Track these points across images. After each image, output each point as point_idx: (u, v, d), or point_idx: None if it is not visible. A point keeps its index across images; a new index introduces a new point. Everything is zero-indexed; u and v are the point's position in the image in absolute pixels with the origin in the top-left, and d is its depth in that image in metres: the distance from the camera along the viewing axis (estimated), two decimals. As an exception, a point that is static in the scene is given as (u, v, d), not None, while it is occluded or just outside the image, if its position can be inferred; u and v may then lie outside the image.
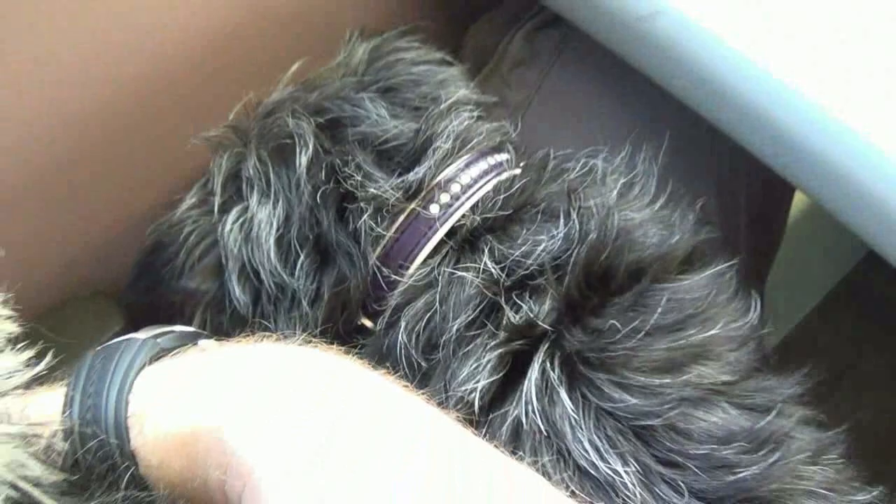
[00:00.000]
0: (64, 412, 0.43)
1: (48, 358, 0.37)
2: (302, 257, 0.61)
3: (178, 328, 0.50)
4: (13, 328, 0.37)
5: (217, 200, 0.64)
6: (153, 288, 0.66)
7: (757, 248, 0.82)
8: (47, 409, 0.43)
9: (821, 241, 1.34)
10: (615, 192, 0.61)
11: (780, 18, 0.62)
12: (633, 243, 0.58)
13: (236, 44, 0.74)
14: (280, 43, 0.75)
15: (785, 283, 1.40)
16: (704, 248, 0.62)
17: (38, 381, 0.37)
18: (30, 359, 0.37)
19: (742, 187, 0.77)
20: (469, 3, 0.86)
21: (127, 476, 0.42)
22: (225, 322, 0.63)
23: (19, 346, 0.37)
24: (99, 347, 0.47)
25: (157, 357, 0.46)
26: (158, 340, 0.47)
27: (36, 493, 0.34)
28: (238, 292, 0.63)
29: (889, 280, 0.62)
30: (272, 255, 0.61)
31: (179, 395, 0.43)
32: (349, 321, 0.62)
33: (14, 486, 0.34)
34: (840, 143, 0.59)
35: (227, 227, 0.63)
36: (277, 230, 0.61)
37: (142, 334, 0.48)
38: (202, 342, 0.49)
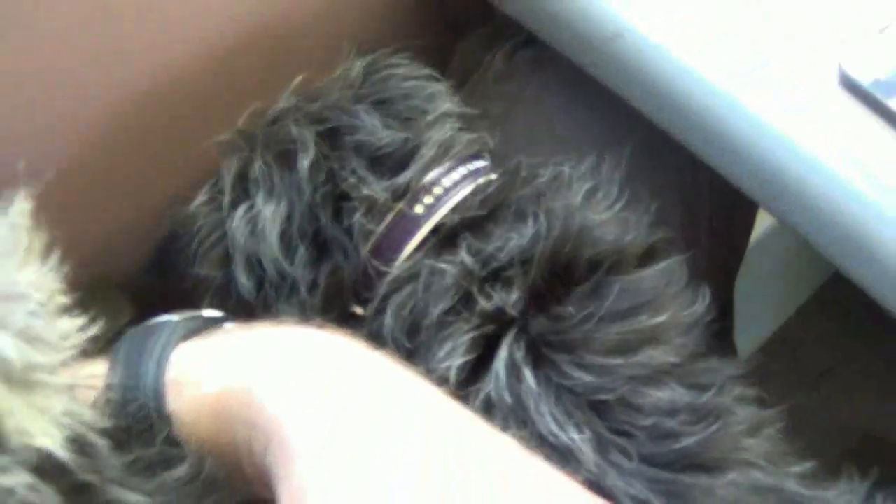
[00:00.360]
0: (107, 379, 0.50)
1: (100, 325, 0.44)
2: (301, 250, 0.68)
3: (206, 313, 0.57)
4: (64, 299, 0.44)
5: (226, 198, 0.71)
6: (167, 272, 0.74)
7: (721, 253, 0.89)
8: (92, 374, 0.50)
9: (800, 248, 1.40)
10: (580, 196, 0.67)
11: (736, 38, 0.69)
12: (592, 240, 0.65)
13: (245, 58, 0.81)
14: (284, 58, 0.81)
15: (764, 290, 1.46)
16: (662, 247, 0.69)
17: (93, 343, 0.43)
18: (82, 325, 0.43)
19: (705, 196, 0.84)
20: (456, 24, 0.92)
21: (162, 434, 0.48)
22: (231, 306, 0.71)
23: (72, 314, 0.43)
24: (136, 326, 0.54)
25: (187, 336, 0.53)
26: (189, 322, 0.54)
27: (91, 435, 0.42)
28: (243, 280, 0.70)
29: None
30: (275, 247, 0.68)
31: (213, 364, 0.50)
32: (342, 308, 0.69)
33: (72, 429, 0.41)
34: (793, 160, 0.65)
35: (235, 223, 0.70)
36: (280, 226, 0.69)
37: (175, 316, 0.55)
38: (227, 325, 0.55)
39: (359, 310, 0.69)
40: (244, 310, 0.69)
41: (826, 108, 0.66)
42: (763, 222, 1.01)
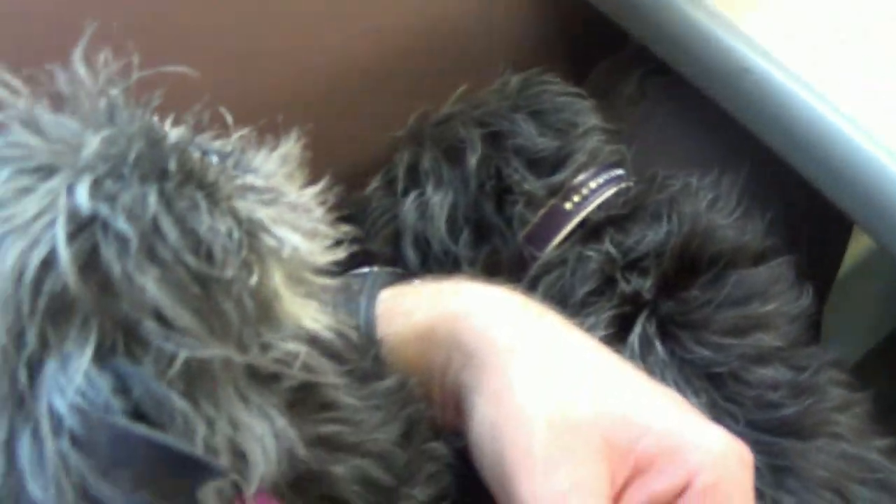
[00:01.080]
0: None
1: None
2: (465, 233, 0.82)
3: (399, 269, 0.70)
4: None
5: (399, 186, 0.86)
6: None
7: (816, 265, 1.01)
8: None
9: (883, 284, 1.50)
10: (705, 204, 0.80)
11: (849, 78, 0.80)
12: (714, 240, 0.78)
13: (417, 67, 0.95)
14: (449, 70, 0.96)
15: (846, 324, 1.53)
16: (771, 250, 0.81)
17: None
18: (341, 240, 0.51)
19: (806, 212, 0.94)
20: (593, 50, 1.06)
21: (373, 352, 0.59)
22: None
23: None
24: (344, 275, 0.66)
25: (387, 284, 0.65)
26: (387, 273, 0.67)
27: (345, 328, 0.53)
28: (411, 255, 0.84)
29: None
30: (442, 229, 0.82)
31: (423, 299, 0.62)
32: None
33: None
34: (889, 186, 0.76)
35: (406, 207, 0.84)
36: (447, 211, 0.83)
37: (374, 268, 0.68)
38: (415, 280, 0.68)
39: (510, 289, 0.83)
40: (409, 282, 0.83)
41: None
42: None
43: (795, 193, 0.89)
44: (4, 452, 0.43)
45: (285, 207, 0.49)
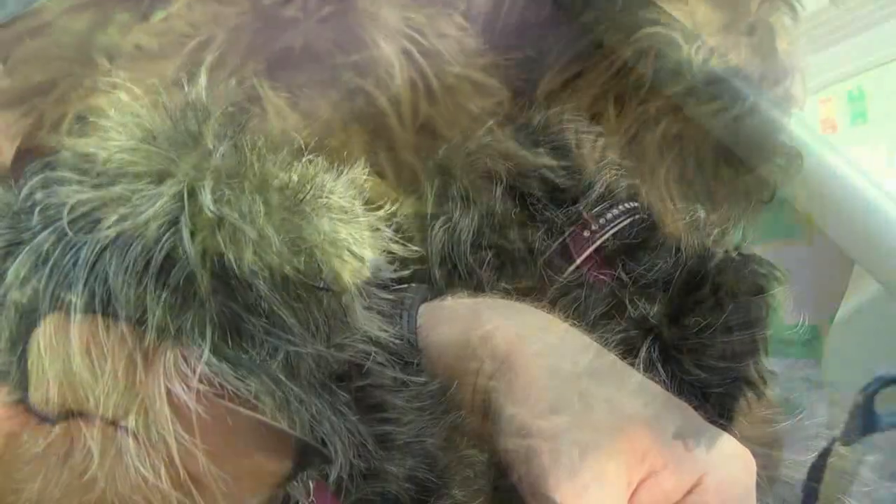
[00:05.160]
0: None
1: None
2: (489, 256, 0.94)
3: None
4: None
5: (429, 210, 0.98)
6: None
7: (813, 305, 1.13)
8: None
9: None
10: (711, 237, 0.92)
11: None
12: (718, 271, 0.89)
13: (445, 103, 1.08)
14: (475, 106, 1.08)
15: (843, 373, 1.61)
16: (771, 282, 0.93)
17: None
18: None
19: (805, 250, 1.08)
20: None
21: (417, 359, 0.68)
22: (423, 297, 0.96)
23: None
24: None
25: (425, 300, 0.75)
26: (424, 290, 0.77)
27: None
28: (437, 275, 0.96)
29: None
30: (467, 252, 0.94)
31: (460, 311, 0.72)
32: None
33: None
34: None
35: (435, 230, 0.97)
36: (473, 235, 0.95)
37: (412, 285, 0.78)
38: (449, 297, 0.78)
39: (528, 309, 0.94)
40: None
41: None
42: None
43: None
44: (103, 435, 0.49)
45: (360, 226, 0.59)
